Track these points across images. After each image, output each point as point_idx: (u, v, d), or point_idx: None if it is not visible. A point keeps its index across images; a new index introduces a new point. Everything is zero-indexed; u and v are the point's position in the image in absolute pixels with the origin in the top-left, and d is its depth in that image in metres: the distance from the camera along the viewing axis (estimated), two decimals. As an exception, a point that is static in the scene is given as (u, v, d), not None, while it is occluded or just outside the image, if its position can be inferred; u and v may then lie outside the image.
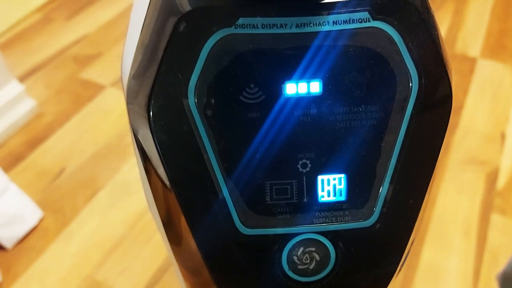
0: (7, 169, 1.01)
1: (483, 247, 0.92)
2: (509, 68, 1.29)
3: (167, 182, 0.22)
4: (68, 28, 1.42)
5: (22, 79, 1.23)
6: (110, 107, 1.18)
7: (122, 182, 1.01)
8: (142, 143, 0.22)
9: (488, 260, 0.90)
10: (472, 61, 1.31)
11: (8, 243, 0.90)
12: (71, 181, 1.01)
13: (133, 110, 0.22)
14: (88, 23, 1.44)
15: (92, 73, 1.27)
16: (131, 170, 1.04)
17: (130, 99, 0.22)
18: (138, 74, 0.21)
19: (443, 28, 1.42)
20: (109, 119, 1.15)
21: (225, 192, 0.21)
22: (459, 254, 0.91)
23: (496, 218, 0.96)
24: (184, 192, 0.21)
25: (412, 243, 0.24)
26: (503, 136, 1.12)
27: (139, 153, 0.23)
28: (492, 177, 1.03)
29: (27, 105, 1.13)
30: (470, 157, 1.07)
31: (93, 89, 1.22)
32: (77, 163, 1.05)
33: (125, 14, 1.48)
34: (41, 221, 0.94)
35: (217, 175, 0.21)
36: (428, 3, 0.22)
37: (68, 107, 1.17)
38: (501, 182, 1.03)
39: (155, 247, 0.90)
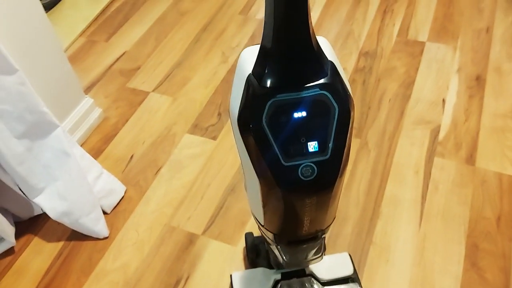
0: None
1: (428, 180, 1.33)
2: (450, 47, 1.69)
3: (255, 150, 0.63)
4: (109, 48, 1.81)
5: (85, 92, 1.63)
6: (156, 107, 1.58)
7: (175, 161, 1.42)
8: (243, 139, 0.64)
9: (431, 189, 1.31)
10: (422, 45, 1.71)
11: (108, 209, 1.31)
12: (140, 163, 1.42)
13: (242, 127, 0.63)
14: (124, 41, 1.83)
15: (136, 83, 1.67)
16: (180, 152, 1.45)
17: (240, 123, 0.63)
18: (243, 112, 0.63)
19: (398, 19, 1.81)
20: (156, 117, 1.55)
21: (277, 149, 0.62)
22: (411, 186, 1.31)
23: (437, 160, 1.37)
24: (264, 151, 0.63)
25: (345, 164, 0.66)
26: (444, 102, 1.53)
27: (242, 141, 0.64)
28: (435, 132, 1.43)
29: (96, 113, 1.53)
30: (420, 119, 1.48)
31: (140, 95, 1.62)
32: (141, 151, 1.46)
33: (150, 32, 1.87)
34: (126, 192, 1.35)
35: (274, 146, 0.62)
36: (342, 79, 0.63)
37: (125, 111, 1.57)
38: (441, 135, 1.43)
39: (206, 202, 1.32)
